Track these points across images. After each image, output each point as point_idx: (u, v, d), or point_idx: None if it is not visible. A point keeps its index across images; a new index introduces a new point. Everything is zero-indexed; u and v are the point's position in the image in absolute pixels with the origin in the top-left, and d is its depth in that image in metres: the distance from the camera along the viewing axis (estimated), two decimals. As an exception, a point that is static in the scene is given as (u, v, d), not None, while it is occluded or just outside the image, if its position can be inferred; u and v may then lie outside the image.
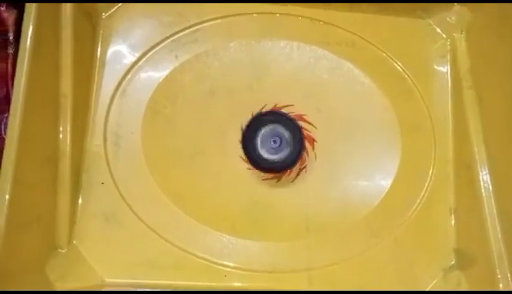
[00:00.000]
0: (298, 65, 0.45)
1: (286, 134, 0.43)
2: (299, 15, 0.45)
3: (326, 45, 0.45)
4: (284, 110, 0.44)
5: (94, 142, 0.43)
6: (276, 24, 0.45)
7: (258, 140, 0.43)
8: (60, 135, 0.40)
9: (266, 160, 0.43)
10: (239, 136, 0.44)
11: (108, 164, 0.42)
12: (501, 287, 0.38)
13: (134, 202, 0.42)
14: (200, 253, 0.42)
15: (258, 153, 0.43)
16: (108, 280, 0.41)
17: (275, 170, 0.43)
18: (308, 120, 0.44)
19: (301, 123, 0.44)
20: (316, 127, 0.44)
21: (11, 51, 0.41)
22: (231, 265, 0.42)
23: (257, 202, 0.43)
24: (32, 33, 0.36)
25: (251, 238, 0.42)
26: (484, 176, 0.41)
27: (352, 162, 0.44)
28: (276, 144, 0.43)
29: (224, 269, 0.42)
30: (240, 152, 0.44)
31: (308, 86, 0.45)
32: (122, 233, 0.41)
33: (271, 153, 0.43)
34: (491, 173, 0.41)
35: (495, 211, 0.40)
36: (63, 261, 0.40)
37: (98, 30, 0.44)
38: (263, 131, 0.43)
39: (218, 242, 0.42)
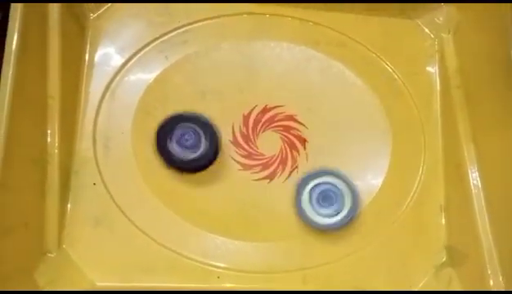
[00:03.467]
0: (288, 66, 0.45)
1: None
2: (289, 16, 0.45)
3: (316, 45, 0.45)
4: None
5: (83, 144, 0.42)
6: (266, 25, 0.45)
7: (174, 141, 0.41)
8: (48, 138, 0.39)
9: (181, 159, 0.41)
10: (230, 137, 0.44)
11: (98, 166, 0.42)
12: (492, 284, 0.39)
13: (125, 205, 0.41)
14: (193, 255, 0.41)
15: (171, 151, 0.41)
16: (99, 284, 0.40)
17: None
18: (299, 120, 0.45)
19: (292, 123, 0.45)
20: (308, 127, 0.45)
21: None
22: (225, 266, 0.41)
23: (249, 203, 0.43)
24: (18, 34, 0.35)
25: (244, 238, 0.42)
26: (473, 174, 0.42)
27: (343, 162, 0.44)
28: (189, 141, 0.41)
29: (217, 270, 0.41)
30: (232, 153, 0.44)
31: (299, 87, 0.45)
32: (112, 236, 0.41)
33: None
34: (480, 171, 0.41)
35: (484, 208, 0.41)
36: (52, 266, 0.39)
37: (86, 31, 0.43)
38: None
39: (211, 244, 0.42)
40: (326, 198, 0.41)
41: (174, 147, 0.41)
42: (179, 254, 0.41)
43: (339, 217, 0.41)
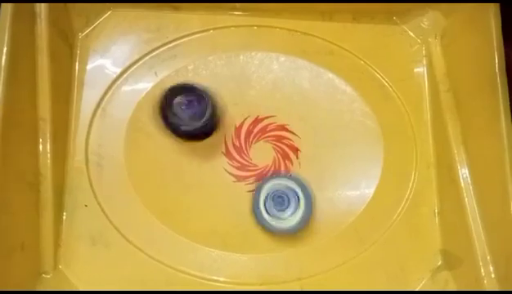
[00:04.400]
0: (278, 76, 0.45)
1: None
2: (277, 27, 0.46)
3: (305, 55, 0.45)
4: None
5: (76, 164, 0.42)
6: (254, 37, 0.45)
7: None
8: (41, 159, 0.39)
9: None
10: (222, 149, 0.44)
11: (91, 185, 0.42)
12: (486, 284, 0.39)
13: (120, 223, 0.41)
14: (190, 270, 0.41)
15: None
16: (96, 303, 0.40)
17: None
18: (291, 130, 0.45)
19: (284, 133, 0.45)
20: (300, 136, 0.45)
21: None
22: (222, 279, 0.41)
23: (244, 215, 0.43)
24: (6, 57, 0.35)
25: (240, 251, 0.42)
26: (465, 177, 0.42)
27: (336, 170, 0.45)
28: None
29: (215, 284, 0.41)
30: (225, 165, 0.44)
31: (290, 96, 0.45)
32: (109, 254, 0.41)
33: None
34: (472, 173, 0.42)
35: (476, 210, 0.41)
36: (49, 287, 0.39)
37: (75, 50, 0.43)
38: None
39: (208, 258, 0.42)
40: (280, 202, 0.42)
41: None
42: (176, 269, 0.41)
43: (294, 221, 0.41)
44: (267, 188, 0.42)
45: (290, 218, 0.42)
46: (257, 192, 0.42)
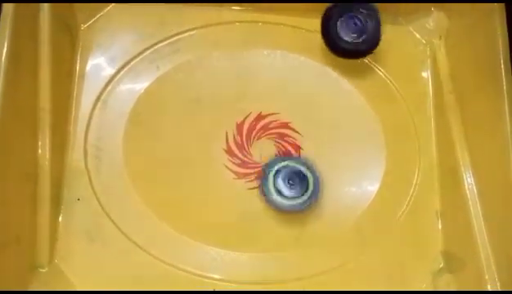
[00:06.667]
0: (282, 73, 0.45)
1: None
2: (281, 24, 0.45)
3: (309, 52, 0.45)
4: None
5: (74, 156, 0.41)
6: (258, 33, 0.45)
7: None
8: (39, 150, 0.39)
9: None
10: (224, 146, 0.44)
11: (89, 178, 0.41)
12: (489, 288, 0.38)
13: (118, 218, 0.41)
14: (188, 267, 0.41)
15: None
16: (92, 299, 0.39)
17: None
18: (294, 127, 0.44)
19: (286, 131, 0.44)
20: (302, 135, 0.44)
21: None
22: (221, 277, 0.41)
23: (244, 213, 0.42)
24: (8, 46, 0.35)
25: (240, 249, 0.42)
26: (468, 179, 0.42)
27: (338, 170, 0.44)
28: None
29: (213, 282, 0.41)
30: (226, 161, 0.43)
31: (293, 94, 0.45)
32: (106, 249, 0.40)
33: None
34: (475, 176, 0.41)
35: (480, 212, 0.40)
36: (44, 281, 0.38)
37: (77, 42, 0.43)
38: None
39: (206, 255, 0.41)
40: (290, 180, 0.42)
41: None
42: (174, 267, 0.40)
43: (300, 200, 0.41)
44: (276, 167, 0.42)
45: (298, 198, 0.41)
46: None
